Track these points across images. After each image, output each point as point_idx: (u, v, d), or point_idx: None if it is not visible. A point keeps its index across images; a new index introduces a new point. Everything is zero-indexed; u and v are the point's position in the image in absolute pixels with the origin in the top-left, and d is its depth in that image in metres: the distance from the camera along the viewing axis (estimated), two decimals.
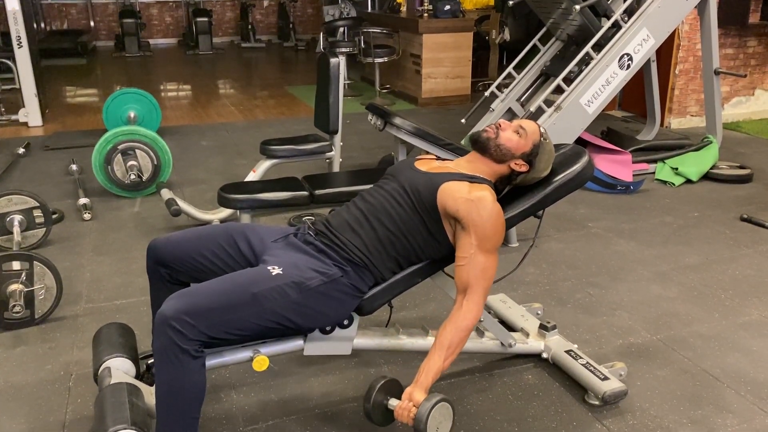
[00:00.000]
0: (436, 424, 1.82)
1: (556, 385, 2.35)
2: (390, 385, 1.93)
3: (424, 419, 1.78)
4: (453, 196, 1.93)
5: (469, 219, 1.89)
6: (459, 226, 1.93)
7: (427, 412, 1.78)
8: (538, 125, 2.14)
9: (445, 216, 1.95)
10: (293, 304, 1.80)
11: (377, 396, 1.90)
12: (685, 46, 5.90)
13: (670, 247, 3.53)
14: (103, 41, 12.37)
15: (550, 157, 2.12)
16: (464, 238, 1.91)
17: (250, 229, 2.06)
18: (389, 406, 1.90)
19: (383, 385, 1.91)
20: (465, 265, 1.91)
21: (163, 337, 1.66)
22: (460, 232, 1.93)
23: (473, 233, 1.89)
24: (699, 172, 4.57)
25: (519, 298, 2.90)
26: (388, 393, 1.92)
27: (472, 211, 1.90)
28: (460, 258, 1.93)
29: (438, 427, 1.83)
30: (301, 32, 12.86)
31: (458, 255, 1.93)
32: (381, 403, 1.91)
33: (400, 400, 1.88)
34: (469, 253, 1.90)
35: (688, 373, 2.42)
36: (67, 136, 5.83)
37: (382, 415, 1.93)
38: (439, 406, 1.81)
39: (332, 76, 3.68)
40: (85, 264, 3.31)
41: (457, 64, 7.10)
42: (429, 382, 1.87)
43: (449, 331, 1.89)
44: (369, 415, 1.92)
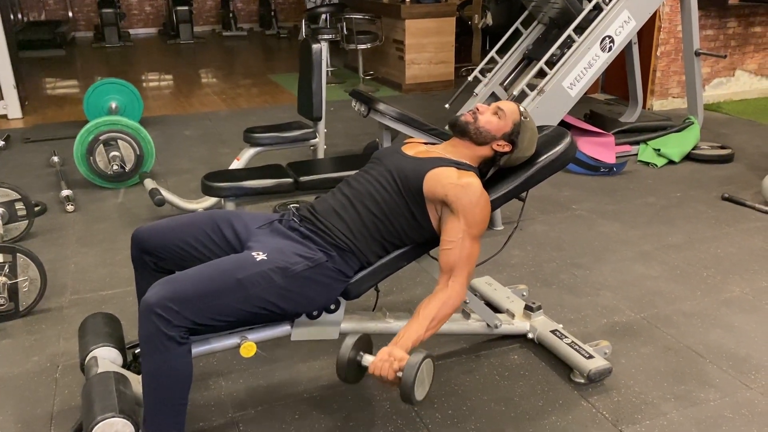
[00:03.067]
0: (421, 380, 1.72)
1: (542, 364, 2.38)
2: (363, 342, 1.86)
3: (414, 371, 1.68)
4: (441, 182, 1.93)
5: (459, 204, 1.90)
6: (447, 210, 1.94)
7: (417, 365, 1.68)
8: (516, 105, 2.15)
9: (431, 201, 1.96)
10: (279, 289, 1.81)
11: (351, 352, 1.82)
12: (666, 28, 5.92)
13: (654, 227, 3.56)
14: (83, 32, 12.19)
15: (533, 135, 2.13)
16: (452, 222, 1.92)
17: (234, 216, 2.06)
18: (363, 363, 1.83)
19: (357, 342, 1.84)
20: (452, 249, 1.92)
21: (148, 324, 1.66)
22: (448, 216, 1.94)
23: (462, 218, 1.90)
24: (681, 152, 4.61)
25: (504, 280, 2.92)
26: (362, 349, 1.85)
27: (462, 197, 1.90)
28: (447, 242, 1.93)
29: (422, 384, 1.73)
30: (282, 20, 12.75)
31: (445, 239, 1.94)
32: (353, 359, 1.82)
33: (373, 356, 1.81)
34: (457, 237, 1.91)
35: (671, 350, 2.45)
36: (48, 128, 5.76)
37: (354, 371, 1.84)
38: (427, 362, 1.73)
39: (315, 63, 3.67)
40: (69, 255, 3.29)
41: (440, 49, 7.09)
42: (409, 345, 1.79)
43: (435, 304, 1.88)
44: (341, 370, 1.82)
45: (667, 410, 2.12)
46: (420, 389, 1.73)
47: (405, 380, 1.69)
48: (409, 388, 1.69)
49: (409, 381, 1.69)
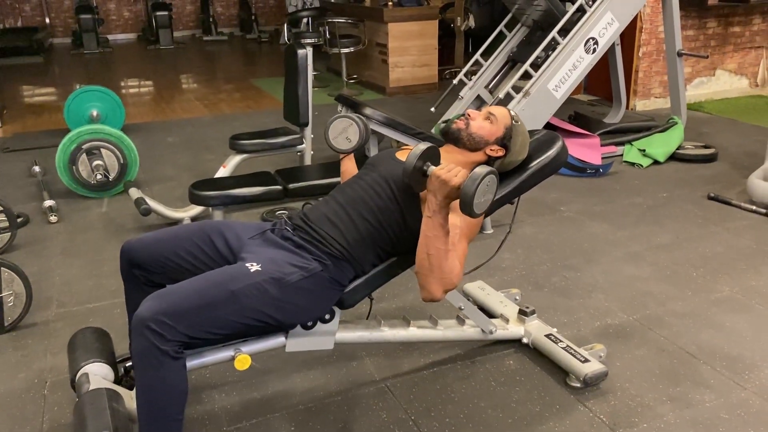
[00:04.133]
0: (483, 192, 1.71)
1: (538, 369, 2.37)
2: (431, 153, 1.84)
3: (481, 176, 1.67)
4: None
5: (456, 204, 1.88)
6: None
7: (483, 174, 1.68)
8: (507, 109, 2.15)
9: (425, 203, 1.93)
10: (273, 300, 1.78)
11: (418, 161, 1.80)
12: (648, 29, 5.97)
13: (642, 227, 3.58)
14: (60, 38, 12.05)
15: (525, 139, 2.12)
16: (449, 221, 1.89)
17: (225, 227, 2.02)
18: (428, 171, 1.81)
19: (427, 151, 1.82)
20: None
21: (141, 339, 1.62)
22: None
23: (459, 217, 1.87)
24: (666, 152, 4.65)
25: (496, 284, 2.91)
26: (429, 160, 1.83)
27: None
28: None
29: (483, 194, 1.73)
30: (263, 24, 12.69)
31: None
32: (420, 167, 1.82)
33: None
34: (454, 232, 1.88)
35: (665, 352, 2.46)
36: (28, 137, 5.67)
37: (418, 176, 1.83)
38: (490, 177, 1.72)
39: (300, 68, 3.64)
40: (54, 268, 3.23)
41: (423, 52, 7.09)
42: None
43: None
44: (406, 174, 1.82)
45: (663, 412, 2.12)
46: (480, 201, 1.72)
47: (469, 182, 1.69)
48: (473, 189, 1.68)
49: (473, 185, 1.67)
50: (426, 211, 1.82)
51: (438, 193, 1.76)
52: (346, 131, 2.20)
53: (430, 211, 1.79)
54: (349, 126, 2.20)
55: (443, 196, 1.76)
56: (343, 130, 2.21)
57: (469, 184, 1.69)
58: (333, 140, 2.22)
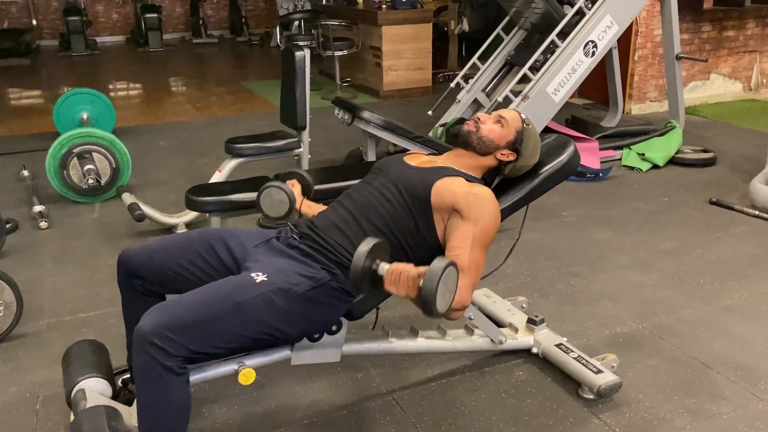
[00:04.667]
0: (444, 289, 1.53)
1: (549, 380, 2.31)
2: (378, 249, 1.62)
3: (439, 273, 1.49)
4: (451, 190, 1.85)
5: (470, 211, 1.81)
6: (456, 217, 1.84)
7: (442, 268, 1.50)
8: (518, 112, 2.09)
9: (438, 210, 1.87)
10: (280, 312, 1.70)
11: (366, 260, 1.58)
12: (643, 32, 5.95)
13: (646, 233, 3.53)
14: (48, 40, 11.87)
15: (536, 143, 2.06)
16: (461, 228, 1.82)
17: (228, 235, 1.94)
18: (379, 271, 1.60)
19: (373, 249, 1.59)
20: (460, 254, 1.80)
21: (143, 354, 1.54)
22: (456, 222, 1.84)
23: (473, 226, 1.80)
24: (665, 156, 4.61)
25: (501, 292, 2.84)
26: (377, 257, 1.62)
27: (475, 204, 1.82)
28: (454, 247, 1.82)
29: (444, 294, 1.54)
30: (253, 26, 12.58)
31: (453, 244, 1.83)
32: (368, 267, 1.59)
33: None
34: (466, 244, 1.80)
35: (677, 361, 2.40)
36: (15, 140, 5.55)
37: (370, 279, 1.60)
38: (450, 270, 1.54)
39: (298, 71, 3.56)
40: (45, 275, 3.13)
41: (417, 55, 7.03)
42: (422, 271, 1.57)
43: None
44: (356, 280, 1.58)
45: (681, 425, 2.06)
46: (442, 299, 1.54)
47: (427, 284, 1.50)
48: (432, 291, 1.50)
49: (433, 284, 1.49)
50: None
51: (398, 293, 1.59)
52: (274, 198, 2.13)
53: None
54: (272, 194, 2.13)
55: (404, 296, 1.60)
56: (272, 201, 2.14)
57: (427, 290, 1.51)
58: (272, 213, 2.15)
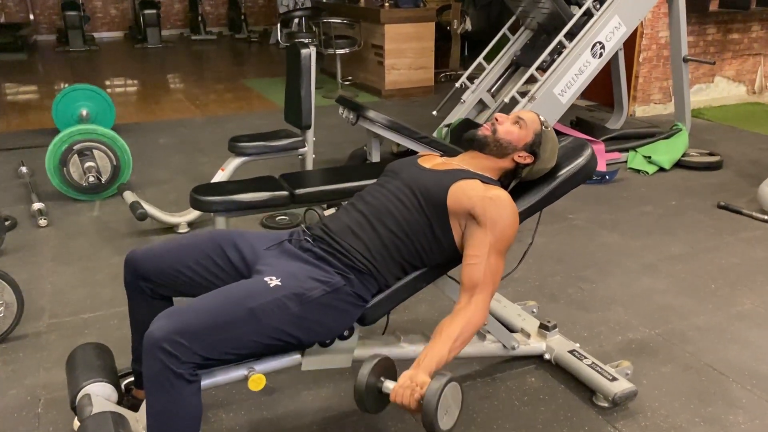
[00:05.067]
0: (446, 407, 1.53)
1: (562, 387, 2.26)
2: (384, 365, 1.63)
3: (436, 399, 1.49)
4: (467, 194, 1.80)
5: (487, 216, 1.77)
6: (472, 224, 1.80)
7: (439, 391, 1.49)
8: (536, 114, 2.04)
9: (455, 215, 1.82)
10: (294, 318, 1.65)
11: (370, 378, 1.58)
12: (649, 34, 5.91)
13: (654, 237, 3.49)
14: (45, 35, 11.79)
15: (554, 146, 2.01)
16: (478, 236, 1.78)
17: (238, 236, 1.89)
18: (384, 389, 1.60)
19: (376, 366, 1.60)
20: (477, 264, 1.76)
21: (154, 361, 1.49)
22: (473, 229, 1.80)
23: (490, 232, 1.76)
24: (671, 159, 4.57)
25: (510, 296, 2.80)
26: (382, 374, 1.62)
27: (491, 209, 1.78)
28: (471, 256, 1.78)
29: (447, 411, 1.53)
30: (253, 23, 12.51)
31: (470, 253, 1.79)
32: (374, 385, 1.59)
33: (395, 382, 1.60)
34: (483, 252, 1.77)
35: (692, 369, 2.36)
36: (14, 136, 5.48)
37: (374, 398, 1.60)
38: (450, 386, 1.53)
39: (303, 69, 3.51)
40: (44, 275, 3.07)
41: (420, 55, 6.98)
42: (432, 367, 1.60)
43: (458, 323, 1.70)
44: (360, 400, 1.58)
45: None
46: (446, 417, 1.53)
47: (426, 409, 1.50)
48: (432, 416, 1.49)
49: (431, 409, 1.49)
50: None
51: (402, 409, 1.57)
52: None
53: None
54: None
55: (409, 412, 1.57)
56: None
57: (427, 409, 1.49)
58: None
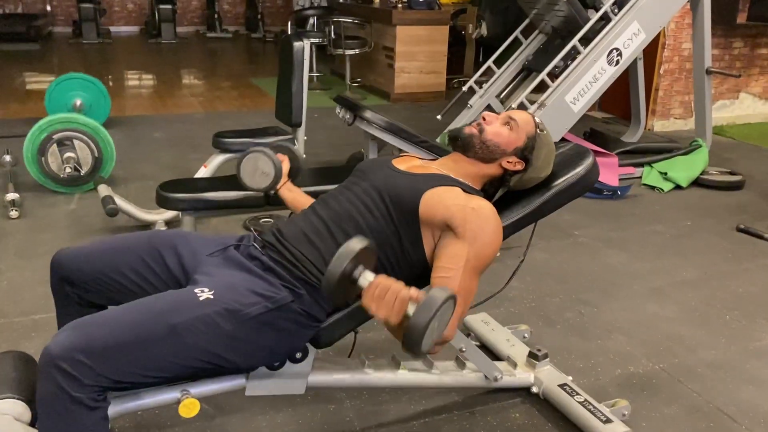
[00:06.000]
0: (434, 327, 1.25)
1: (549, 425, 2.00)
2: (367, 255, 1.33)
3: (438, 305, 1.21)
4: (444, 203, 1.55)
5: (467, 228, 1.52)
6: (448, 234, 1.55)
7: (442, 299, 1.22)
8: (531, 115, 1.79)
9: (427, 225, 1.57)
10: (226, 338, 1.41)
11: (349, 264, 1.28)
12: (671, 45, 5.63)
13: (664, 259, 3.21)
14: (61, 27, 11.74)
15: (549, 152, 1.76)
16: (453, 248, 1.52)
17: (181, 240, 1.66)
18: (360, 281, 1.31)
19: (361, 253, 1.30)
20: (450, 277, 1.51)
21: (47, 382, 1.26)
22: (449, 240, 1.55)
23: (469, 245, 1.51)
24: (689, 177, 4.29)
25: (502, 317, 2.54)
26: (363, 263, 1.33)
27: (473, 221, 1.53)
28: (443, 268, 1.53)
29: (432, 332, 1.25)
30: (269, 24, 12.37)
31: (441, 265, 1.54)
32: (349, 272, 1.30)
33: None
34: (458, 265, 1.51)
35: (699, 412, 2.09)
36: (7, 123, 5.31)
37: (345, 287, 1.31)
38: (449, 304, 1.27)
39: (296, 63, 3.29)
40: (3, 270, 2.86)
41: (431, 58, 6.75)
42: None
43: None
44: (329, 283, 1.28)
45: None
46: (430, 336, 1.26)
47: (420, 314, 1.22)
48: (423, 326, 1.21)
49: (426, 317, 1.21)
50: None
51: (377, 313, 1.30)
52: (258, 167, 1.90)
53: None
54: (258, 161, 1.90)
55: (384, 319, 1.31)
56: (254, 167, 1.91)
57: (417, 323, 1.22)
58: (249, 182, 1.93)
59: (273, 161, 1.89)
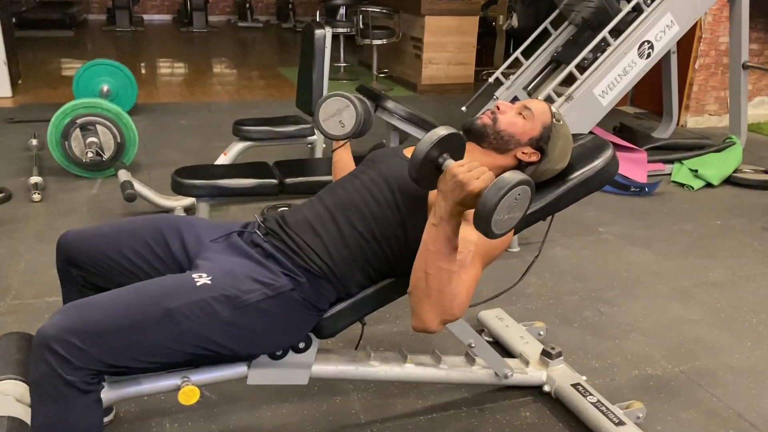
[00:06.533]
0: (509, 207, 1.28)
1: (559, 426, 1.94)
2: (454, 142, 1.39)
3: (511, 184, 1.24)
4: None
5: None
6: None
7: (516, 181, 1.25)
8: (547, 104, 1.72)
9: None
10: (223, 325, 1.38)
11: (433, 150, 1.34)
12: (707, 39, 5.46)
13: (691, 259, 3.11)
14: (95, 14, 11.88)
15: (566, 143, 1.70)
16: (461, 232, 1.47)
17: (185, 224, 1.64)
18: (444, 165, 1.36)
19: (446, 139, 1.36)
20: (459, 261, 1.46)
21: (41, 363, 1.24)
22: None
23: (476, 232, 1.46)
24: (721, 175, 4.15)
25: (518, 314, 2.48)
26: (448, 150, 1.38)
27: None
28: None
29: (509, 212, 1.29)
30: (301, 14, 12.36)
31: None
32: (434, 158, 1.36)
33: None
34: (467, 250, 1.46)
35: (718, 417, 2.01)
36: (37, 108, 5.38)
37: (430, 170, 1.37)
38: (527, 188, 1.29)
39: (317, 50, 3.27)
40: (22, 252, 2.89)
41: (460, 49, 6.66)
42: None
43: None
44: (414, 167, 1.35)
45: None
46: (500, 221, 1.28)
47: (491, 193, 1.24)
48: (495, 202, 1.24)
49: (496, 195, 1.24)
50: (431, 218, 1.39)
51: (449, 195, 1.32)
52: (340, 114, 1.77)
53: (437, 218, 1.36)
54: (344, 108, 1.75)
55: (455, 201, 1.32)
56: (336, 111, 1.76)
57: (492, 194, 1.25)
58: (323, 122, 1.78)
59: (357, 119, 1.74)
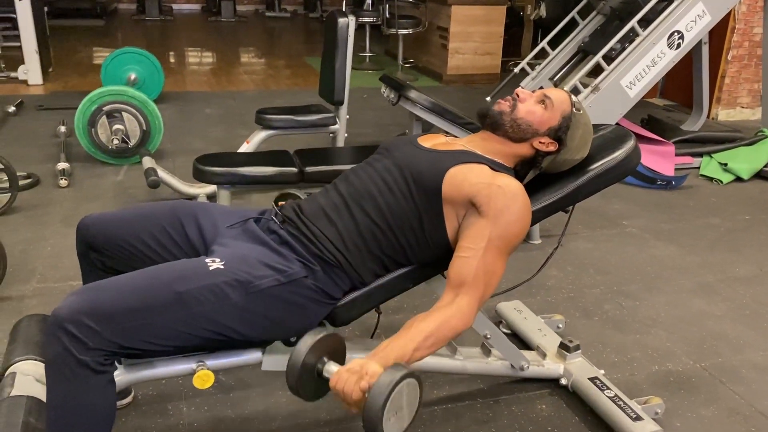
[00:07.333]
0: (396, 408, 1.21)
1: (576, 419, 1.92)
2: (331, 345, 1.32)
3: (385, 394, 1.17)
4: (470, 180, 1.50)
5: (491, 206, 1.47)
6: (473, 213, 1.50)
7: (391, 385, 1.18)
8: (567, 93, 1.70)
9: (451, 203, 1.51)
10: (235, 309, 1.39)
11: (309, 355, 1.28)
12: (741, 30, 5.33)
13: (717, 254, 3.05)
14: (126, 4, 12.00)
15: (586, 134, 1.67)
16: (476, 226, 1.48)
17: (202, 211, 1.65)
18: (325, 372, 1.30)
19: (320, 342, 1.29)
20: (469, 257, 1.46)
21: (55, 343, 1.26)
22: (472, 219, 1.50)
23: (492, 223, 1.45)
24: (751, 169, 4.06)
25: (537, 306, 2.46)
26: (327, 355, 1.32)
27: (498, 198, 1.47)
28: (464, 248, 1.48)
29: (396, 413, 1.21)
30: (328, 3, 12.35)
31: (463, 244, 1.49)
32: (312, 365, 1.30)
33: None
34: (479, 245, 1.46)
35: (739, 414, 1.97)
36: (65, 96, 5.47)
37: (312, 382, 1.31)
38: (407, 383, 1.21)
39: (339, 39, 3.25)
40: (48, 236, 2.94)
41: (487, 39, 6.59)
42: (389, 361, 1.28)
43: (433, 321, 1.40)
44: (291, 377, 1.29)
45: None
46: (394, 420, 1.21)
47: (371, 404, 1.18)
48: (376, 414, 1.17)
49: (377, 406, 1.17)
50: None
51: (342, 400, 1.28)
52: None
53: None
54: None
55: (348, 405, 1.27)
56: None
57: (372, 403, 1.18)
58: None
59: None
